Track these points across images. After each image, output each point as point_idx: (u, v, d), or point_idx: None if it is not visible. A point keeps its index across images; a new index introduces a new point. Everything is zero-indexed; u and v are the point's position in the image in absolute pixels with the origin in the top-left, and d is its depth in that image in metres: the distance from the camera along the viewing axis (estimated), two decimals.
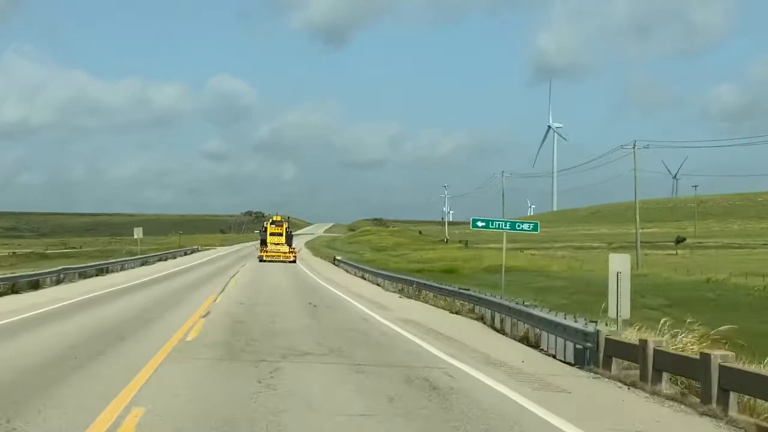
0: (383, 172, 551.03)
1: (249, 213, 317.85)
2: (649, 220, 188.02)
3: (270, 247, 63.55)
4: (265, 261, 61.49)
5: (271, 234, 64.36)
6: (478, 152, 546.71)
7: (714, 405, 10.05)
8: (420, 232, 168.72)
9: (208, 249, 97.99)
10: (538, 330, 16.86)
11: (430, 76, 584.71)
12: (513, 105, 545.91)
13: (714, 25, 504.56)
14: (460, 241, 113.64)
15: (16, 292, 28.62)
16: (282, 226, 65.36)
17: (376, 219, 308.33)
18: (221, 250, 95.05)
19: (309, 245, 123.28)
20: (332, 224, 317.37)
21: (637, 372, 12.21)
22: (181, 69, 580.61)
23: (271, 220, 67.51)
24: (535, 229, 31.69)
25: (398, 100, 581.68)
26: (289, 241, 65.27)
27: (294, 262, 62.57)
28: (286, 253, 63.09)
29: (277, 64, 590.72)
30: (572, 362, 14.28)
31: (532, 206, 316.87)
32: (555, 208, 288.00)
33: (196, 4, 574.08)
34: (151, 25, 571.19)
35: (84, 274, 39.58)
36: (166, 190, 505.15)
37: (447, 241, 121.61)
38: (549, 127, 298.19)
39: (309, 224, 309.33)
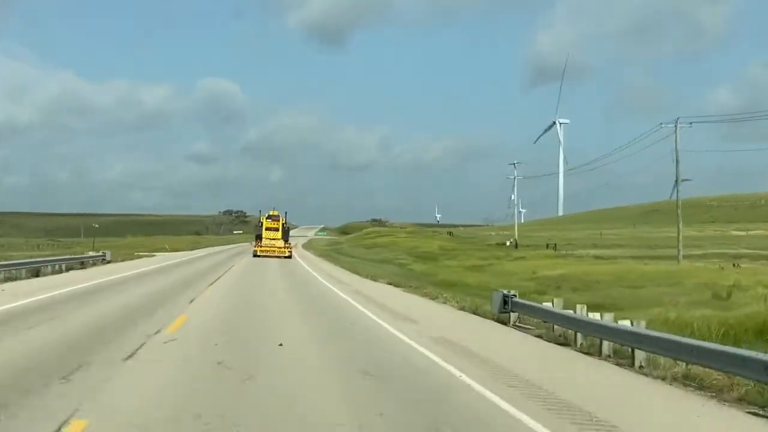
0: (371, 176, 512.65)
1: (228, 212, 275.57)
2: (708, 222, 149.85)
3: (265, 241, 60.76)
4: (259, 256, 58.07)
5: (267, 228, 61.27)
6: (469, 156, 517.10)
7: None
8: (450, 233, 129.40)
9: (144, 257, 57.47)
10: None
11: (422, 78, 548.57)
12: (507, 108, 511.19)
13: (714, 28, 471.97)
14: (547, 246, 74.39)
15: None
16: (278, 220, 62.07)
17: (374, 219, 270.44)
18: (162, 260, 53.72)
19: (318, 251, 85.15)
20: (321, 226, 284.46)
21: None
22: (171, 70, 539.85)
23: (267, 215, 62.96)
24: None
25: (390, 102, 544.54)
26: (285, 236, 62.00)
27: (290, 257, 59.07)
28: (281, 248, 60.15)
29: (272, 64, 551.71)
30: None
31: (523, 211, 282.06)
32: (560, 213, 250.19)
33: (188, 3, 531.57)
34: (142, 25, 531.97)
35: None
36: (149, 192, 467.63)
37: (517, 245, 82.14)
38: (554, 122, 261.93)
39: (295, 227, 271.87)
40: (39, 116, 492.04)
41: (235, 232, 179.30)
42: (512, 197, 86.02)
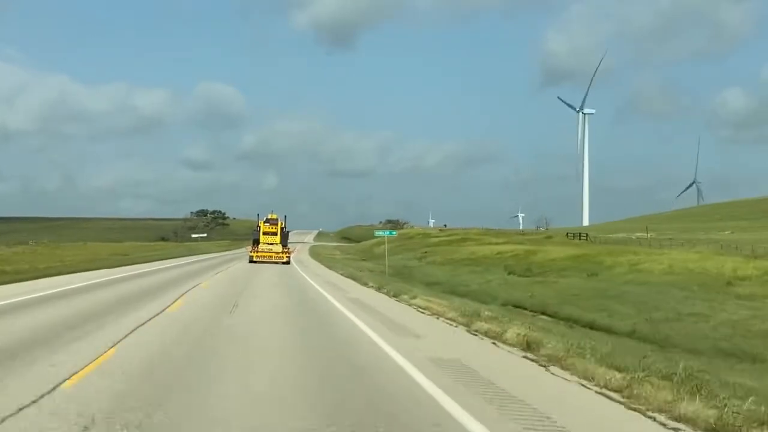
0: (367, 181, 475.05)
1: (203, 212, 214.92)
2: None
3: (262, 246, 57.67)
4: (255, 261, 55.58)
5: (265, 233, 58.05)
6: (472, 161, 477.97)
7: None
8: (586, 236, 73.00)
9: None
10: None
11: (425, 82, 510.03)
12: (512, 112, 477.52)
13: (729, 31, 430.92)
14: None
15: None
16: (276, 224, 58.87)
17: (390, 221, 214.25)
18: None
19: (377, 278, 40.01)
20: (317, 231, 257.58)
21: None
22: (169, 73, 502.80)
23: (265, 219, 59.60)
24: None
25: (392, 107, 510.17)
26: (284, 240, 58.84)
27: (288, 263, 56.22)
28: (278, 253, 57.28)
29: (275, 68, 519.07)
30: None
31: (522, 215, 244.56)
32: (586, 222, 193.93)
33: (190, 5, 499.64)
34: (142, 27, 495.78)
35: None
36: (139, 198, 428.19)
37: None
38: (578, 110, 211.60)
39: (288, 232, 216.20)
40: (29, 122, 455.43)
41: (194, 236, 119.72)
42: None
